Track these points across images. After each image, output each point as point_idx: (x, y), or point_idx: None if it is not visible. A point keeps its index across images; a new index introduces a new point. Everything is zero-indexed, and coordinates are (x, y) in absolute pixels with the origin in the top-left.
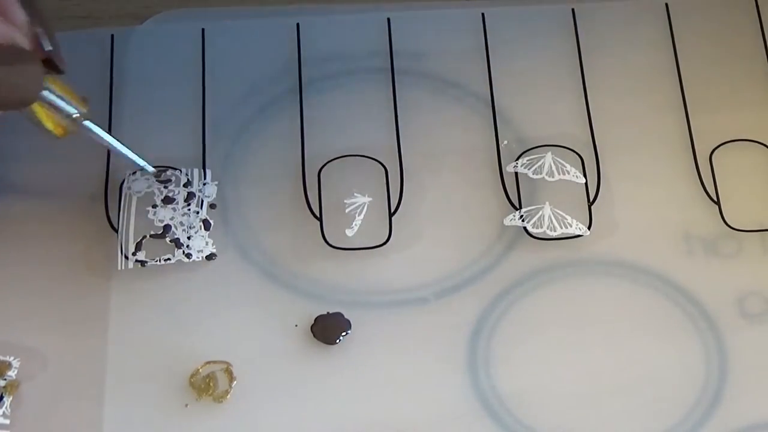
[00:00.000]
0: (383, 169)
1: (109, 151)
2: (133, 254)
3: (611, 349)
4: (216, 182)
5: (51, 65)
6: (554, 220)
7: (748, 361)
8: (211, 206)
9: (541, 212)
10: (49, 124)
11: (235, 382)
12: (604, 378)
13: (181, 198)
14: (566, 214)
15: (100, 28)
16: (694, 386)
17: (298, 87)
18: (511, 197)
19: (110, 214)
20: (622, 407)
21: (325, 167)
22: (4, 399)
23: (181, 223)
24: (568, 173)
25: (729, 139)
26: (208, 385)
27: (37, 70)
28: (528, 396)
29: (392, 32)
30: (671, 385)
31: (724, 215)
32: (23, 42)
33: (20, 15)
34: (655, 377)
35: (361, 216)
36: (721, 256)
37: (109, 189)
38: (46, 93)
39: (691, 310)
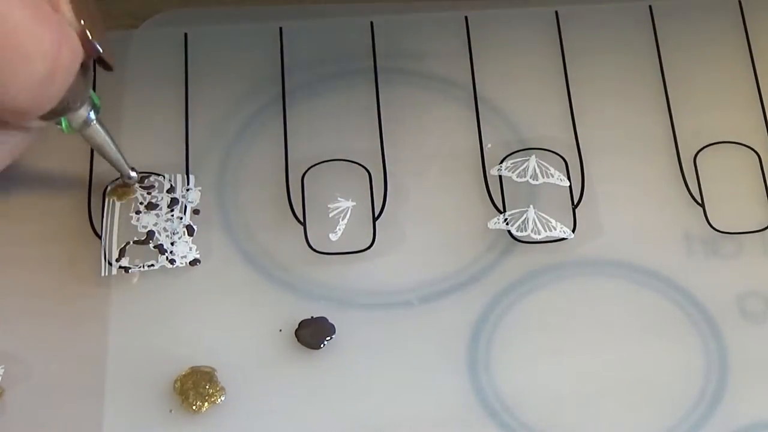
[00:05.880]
0: (367, 173)
1: (93, 156)
2: (117, 260)
3: (610, 349)
4: (199, 188)
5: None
6: (538, 224)
7: (748, 361)
8: (195, 212)
9: (525, 215)
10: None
11: (219, 388)
12: (603, 378)
13: (164, 204)
14: (550, 217)
15: None
16: (693, 386)
17: (281, 91)
18: (495, 200)
19: (93, 220)
20: (621, 407)
21: (309, 171)
22: None
23: (165, 229)
24: (552, 176)
25: (714, 141)
26: (192, 390)
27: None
28: (525, 397)
29: (376, 36)
30: (671, 385)
31: (709, 217)
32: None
33: (65, 9)
34: (654, 377)
35: (345, 220)
36: (720, 256)
37: (92, 195)
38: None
39: (691, 309)
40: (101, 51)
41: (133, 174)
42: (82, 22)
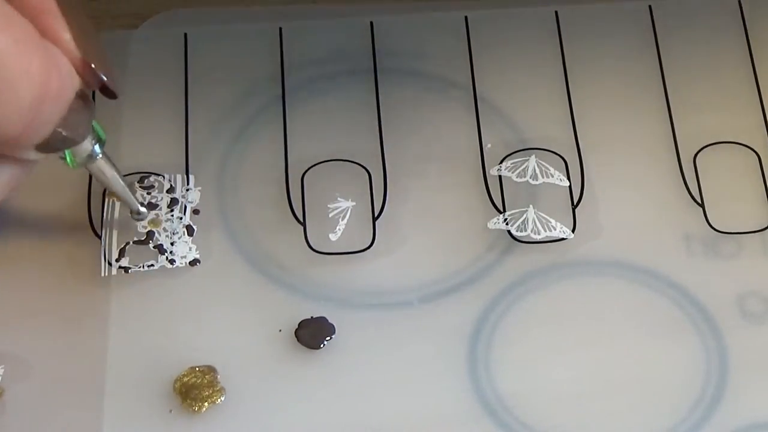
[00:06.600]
0: (367, 173)
1: None
2: (117, 261)
3: (609, 349)
4: (199, 188)
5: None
6: (538, 224)
7: (748, 361)
8: (195, 212)
9: (525, 215)
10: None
11: (219, 388)
12: (603, 378)
13: (164, 204)
14: (550, 217)
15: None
16: (693, 386)
17: (281, 92)
18: (495, 200)
19: (93, 220)
20: (621, 407)
21: (309, 171)
22: None
23: (165, 229)
24: (552, 176)
25: (714, 141)
26: (192, 390)
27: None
28: (525, 397)
29: (376, 36)
30: (671, 385)
31: (708, 217)
32: (75, 76)
33: (66, 38)
34: (654, 377)
35: (345, 220)
36: (720, 256)
37: (92, 195)
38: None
39: (691, 309)
40: (105, 80)
41: (143, 210)
42: (83, 51)
